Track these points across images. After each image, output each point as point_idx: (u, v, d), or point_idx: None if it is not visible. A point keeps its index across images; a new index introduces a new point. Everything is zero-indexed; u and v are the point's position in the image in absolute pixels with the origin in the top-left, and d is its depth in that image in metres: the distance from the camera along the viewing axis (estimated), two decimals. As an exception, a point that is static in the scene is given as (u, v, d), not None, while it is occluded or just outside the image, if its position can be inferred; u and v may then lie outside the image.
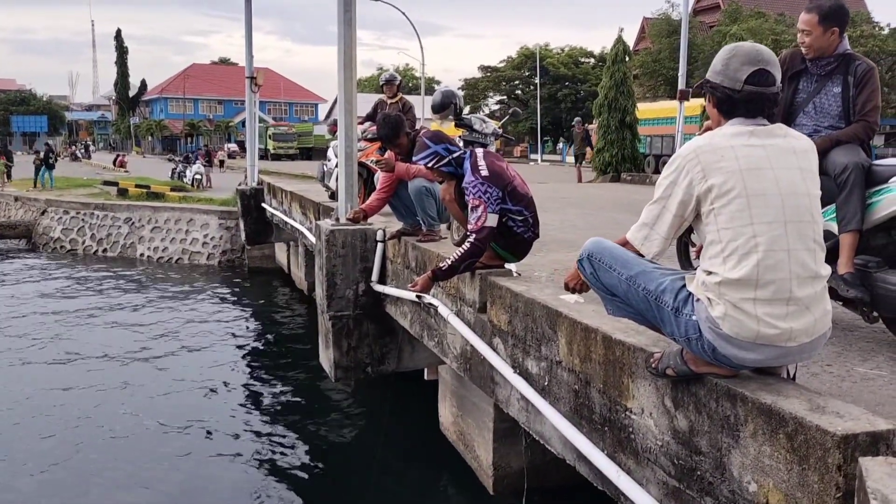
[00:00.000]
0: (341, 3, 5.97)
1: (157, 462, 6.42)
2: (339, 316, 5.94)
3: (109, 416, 7.45)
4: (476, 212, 3.87)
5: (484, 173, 3.95)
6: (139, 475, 6.18)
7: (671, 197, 2.26)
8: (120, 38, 74.98)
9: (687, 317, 2.25)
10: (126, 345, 10.08)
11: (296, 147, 53.95)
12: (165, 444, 6.80)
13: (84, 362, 9.25)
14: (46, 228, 18.56)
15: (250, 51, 15.02)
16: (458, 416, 5.41)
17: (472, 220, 3.89)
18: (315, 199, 9.57)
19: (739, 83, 2.23)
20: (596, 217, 8.74)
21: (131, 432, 7.08)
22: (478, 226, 3.85)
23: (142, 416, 7.49)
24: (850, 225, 3.18)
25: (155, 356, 9.59)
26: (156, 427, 7.19)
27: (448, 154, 4.26)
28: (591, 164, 21.25)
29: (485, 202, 3.87)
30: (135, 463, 6.38)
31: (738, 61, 2.25)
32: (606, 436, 2.92)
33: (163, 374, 8.84)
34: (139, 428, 7.19)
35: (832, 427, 1.89)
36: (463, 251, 3.85)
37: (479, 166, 4.00)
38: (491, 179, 3.93)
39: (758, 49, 2.27)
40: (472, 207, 3.90)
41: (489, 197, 3.89)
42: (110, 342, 10.22)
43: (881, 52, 31.21)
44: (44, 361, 9.31)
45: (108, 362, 9.33)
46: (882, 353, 3.10)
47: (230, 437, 6.98)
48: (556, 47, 57.77)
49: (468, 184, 3.98)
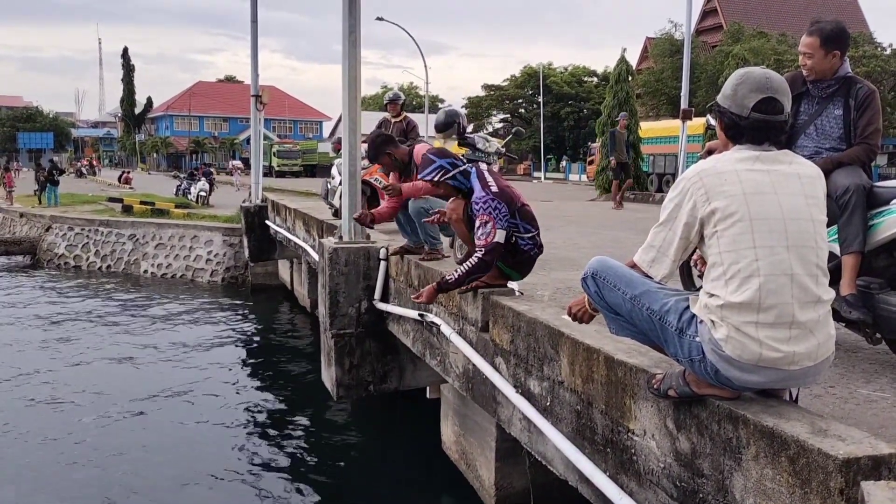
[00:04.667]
0: (346, 23, 6.03)
1: (157, 478, 6.40)
2: (341, 334, 5.94)
3: (108, 430, 7.44)
4: (486, 227, 3.87)
5: (494, 189, 3.97)
6: (136, 492, 6.15)
7: (676, 219, 2.28)
8: (127, 56, 75.65)
9: (690, 338, 2.25)
10: (128, 361, 10.07)
11: (300, 164, 54.24)
12: (165, 459, 6.77)
13: (85, 379, 9.23)
14: (51, 245, 18.62)
15: (256, 69, 15.16)
16: (461, 436, 5.39)
17: (480, 236, 3.89)
18: (319, 217, 9.61)
19: (746, 110, 2.25)
20: (599, 235, 8.75)
21: (129, 449, 7.05)
22: (487, 242, 3.85)
23: (141, 431, 7.47)
24: (852, 246, 3.19)
25: (156, 372, 9.58)
26: (155, 442, 7.17)
27: (453, 168, 4.27)
28: (595, 182, 21.25)
29: (494, 218, 3.88)
30: (132, 480, 6.36)
31: (747, 88, 2.26)
32: (609, 457, 2.91)
33: (164, 391, 8.82)
34: (137, 444, 7.16)
35: (834, 451, 1.88)
36: (471, 265, 3.87)
37: (488, 182, 4.01)
38: (500, 196, 3.95)
39: (767, 76, 2.28)
40: (482, 223, 3.90)
41: (498, 213, 3.90)
42: (112, 358, 10.21)
43: (883, 73, 31.35)
44: (41, 381, 9.27)
45: (110, 378, 9.31)
46: (885, 375, 3.10)
47: (231, 454, 6.95)
48: (560, 66, 58.22)
49: (478, 199, 3.98)
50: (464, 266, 3.90)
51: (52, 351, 10.53)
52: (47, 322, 12.41)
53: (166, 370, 9.71)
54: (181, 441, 7.29)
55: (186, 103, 71.03)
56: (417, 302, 4.31)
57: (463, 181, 4.27)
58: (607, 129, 19.86)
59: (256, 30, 15.08)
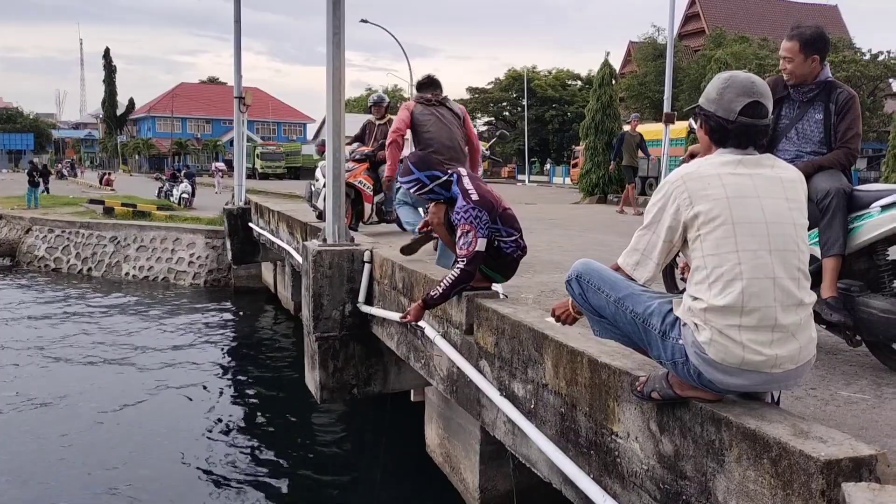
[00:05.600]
0: (330, 25, 6.01)
1: (137, 481, 6.33)
2: (325, 337, 5.92)
3: (89, 437, 7.35)
4: (466, 237, 3.89)
5: (475, 198, 4.00)
6: (115, 495, 6.09)
7: (660, 223, 2.29)
8: (108, 56, 75.17)
9: (674, 341, 2.26)
10: (109, 365, 9.97)
11: (283, 166, 54.02)
12: (144, 462, 6.71)
13: (64, 383, 9.13)
14: (31, 247, 18.41)
15: (239, 71, 15.05)
16: (445, 438, 5.38)
17: (462, 245, 3.90)
18: (302, 220, 9.57)
19: (734, 114, 2.25)
20: (583, 238, 8.78)
21: (109, 455, 6.97)
22: (469, 252, 3.87)
23: (122, 437, 7.39)
24: (832, 250, 3.22)
25: (138, 376, 9.48)
26: (136, 448, 7.10)
27: (430, 182, 4.30)
28: (579, 185, 21.29)
29: (475, 227, 3.90)
30: (110, 484, 6.29)
31: (734, 92, 2.27)
32: (592, 459, 2.92)
33: (145, 395, 8.73)
34: (117, 450, 7.09)
35: (815, 452, 1.90)
36: (453, 278, 3.88)
37: (469, 191, 4.04)
38: (481, 203, 3.98)
39: (752, 80, 2.29)
40: (463, 233, 3.92)
41: (479, 221, 3.93)
42: (93, 362, 10.10)
43: (863, 77, 31.75)
44: (20, 388, 9.17)
45: (89, 381, 9.21)
46: (865, 377, 3.13)
47: (214, 457, 6.90)
48: (544, 69, 58.43)
49: (459, 209, 4.00)
50: (447, 279, 3.92)
51: (30, 354, 10.40)
52: (23, 325, 12.26)
53: (147, 374, 9.61)
54: (161, 445, 7.21)
55: (169, 105, 70.58)
56: (406, 322, 4.34)
57: (441, 192, 4.29)
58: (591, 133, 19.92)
59: (240, 30, 14.97)
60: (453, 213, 4.14)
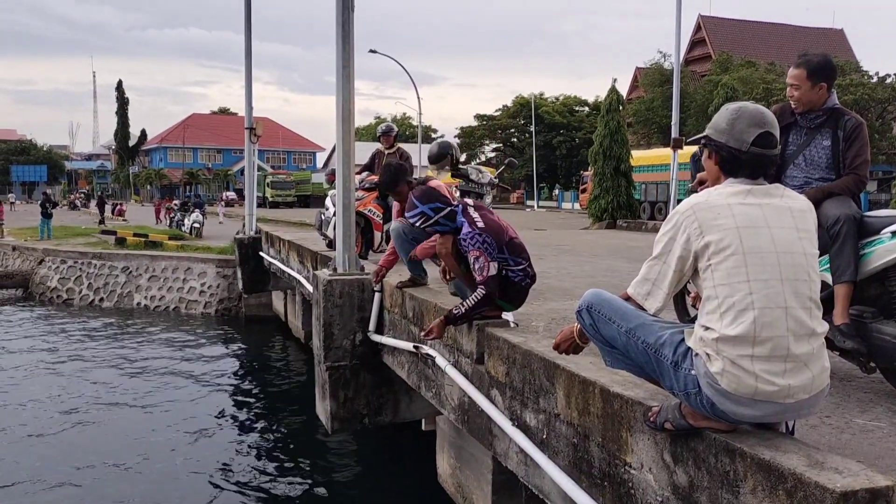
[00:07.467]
0: (340, 58, 6.08)
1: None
2: (336, 366, 5.91)
3: (100, 464, 7.34)
4: (479, 262, 3.96)
5: (480, 225, 4.07)
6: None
7: (670, 253, 2.29)
8: (121, 88, 76.19)
9: (686, 371, 2.25)
10: (120, 394, 9.99)
11: (294, 195, 54.35)
12: (156, 492, 6.69)
13: (75, 412, 9.14)
14: (43, 278, 18.54)
15: (250, 102, 15.22)
16: (457, 468, 5.35)
17: (478, 270, 3.97)
18: (313, 248, 9.61)
19: (746, 144, 2.26)
20: (593, 265, 8.76)
21: (119, 482, 6.96)
22: (485, 276, 3.93)
23: (134, 465, 7.38)
24: (843, 276, 3.21)
25: (149, 406, 9.49)
26: (148, 476, 7.08)
27: (435, 214, 4.31)
28: (588, 210, 21.32)
29: (485, 252, 3.97)
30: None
31: (745, 123, 2.28)
32: (606, 491, 2.89)
33: (156, 424, 8.73)
34: (126, 478, 7.07)
35: (831, 484, 1.88)
36: (478, 299, 3.93)
37: (474, 219, 4.10)
38: (487, 230, 4.02)
39: (762, 111, 2.31)
40: (475, 259, 3.98)
41: (488, 246, 3.99)
42: (104, 391, 10.12)
43: (870, 100, 31.78)
44: (32, 413, 9.19)
45: (102, 410, 9.23)
46: (881, 404, 3.10)
47: (225, 486, 6.87)
48: (551, 96, 58.71)
49: (465, 235, 4.05)
50: (471, 300, 3.97)
51: (43, 383, 10.43)
52: (36, 356, 12.30)
53: (159, 403, 9.62)
54: (173, 474, 7.19)
55: (180, 135, 71.34)
56: (428, 338, 4.32)
57: (447, 223, 4.30)
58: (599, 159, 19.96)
59: (250, 64, 15.16)
60: (461, 241, 4.16)
